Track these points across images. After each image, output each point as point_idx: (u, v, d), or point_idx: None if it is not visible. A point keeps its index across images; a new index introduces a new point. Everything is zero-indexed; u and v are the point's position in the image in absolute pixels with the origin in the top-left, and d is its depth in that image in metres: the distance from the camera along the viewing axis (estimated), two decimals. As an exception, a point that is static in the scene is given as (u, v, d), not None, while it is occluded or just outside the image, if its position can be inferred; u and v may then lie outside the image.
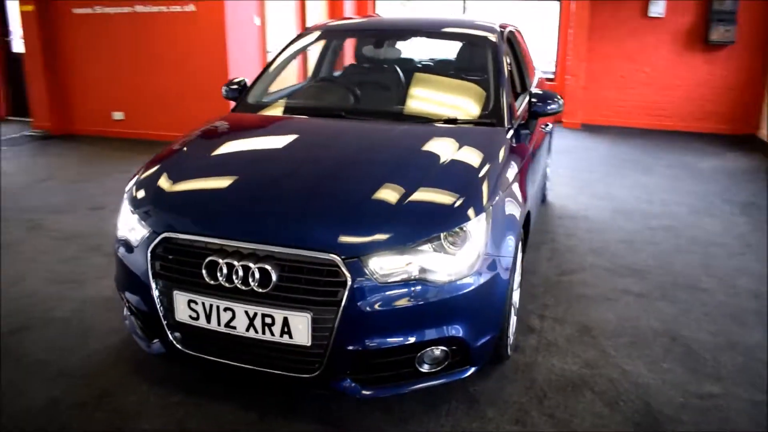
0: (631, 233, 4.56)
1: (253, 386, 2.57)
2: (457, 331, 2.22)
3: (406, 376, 2.25)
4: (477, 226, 2.26)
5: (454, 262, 2.19)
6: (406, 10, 11.45)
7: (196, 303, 2.24)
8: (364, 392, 2.21)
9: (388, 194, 2.32)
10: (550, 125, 4.07)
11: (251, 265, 2.14)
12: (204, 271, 2.21)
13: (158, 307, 2.33)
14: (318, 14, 9.68)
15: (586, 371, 2.72)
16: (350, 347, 2.12)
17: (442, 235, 2.20)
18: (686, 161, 7.01)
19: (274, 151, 2.83)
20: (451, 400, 2.49)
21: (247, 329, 2.19)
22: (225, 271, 2.17)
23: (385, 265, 2.11)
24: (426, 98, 3.46)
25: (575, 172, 6.41)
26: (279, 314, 2.13)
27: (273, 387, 2.54)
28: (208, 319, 2.24)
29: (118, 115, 8.06)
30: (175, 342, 2.35)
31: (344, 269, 2.07)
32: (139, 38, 7.68)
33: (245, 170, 2.58)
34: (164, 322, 2.34)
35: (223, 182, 2.50)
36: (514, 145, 2.96)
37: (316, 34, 3.86)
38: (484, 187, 2.43)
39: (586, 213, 5.05)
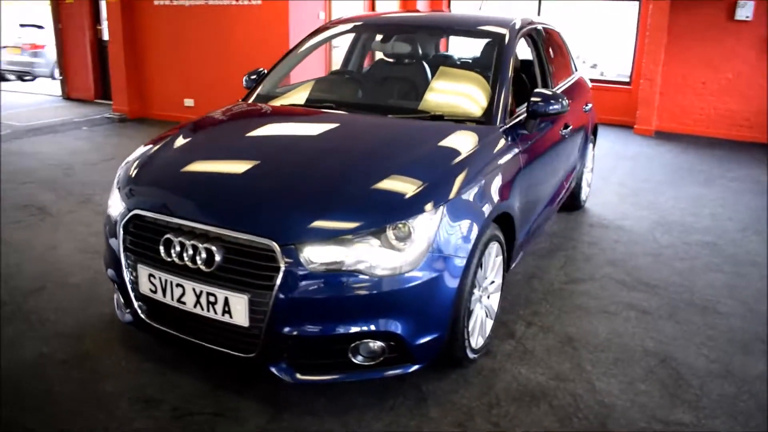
0: (663, 247, 4.28)
1: (204, 360, 2.67)
2: (395, 326, 2.20)
3: (342, 366, 2.26)
4: (427, 222, 2.23)
5: (395, 257, 2.18)
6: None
7: (155, 277, 2.37)
8: (298, 377, 2.25)
9: (337, 185, 2.35)
10: (570, 127, 3.89)
11: (199, 244, 2.23)
12: (161, 248, 2.33)
13: (126, 278, 2.48)
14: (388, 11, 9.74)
15: (553, 383, 2.61)
16: (284, 331, 2.16)
17: (387, 227, 2.19)
18: (756, 175, 6.45)
19: (247, 139, 2.91)
20: (399, 396, 2.48)
21: (195, 306, 2.29)
22: (178, 248, 2.28)
23: (321, 254, 2.14)
24: (424, 94, 3.43)
25: (628, 179, 6.09)
26: (221, 294, 2.21)
27: (220, 363, 2.62)
28: (164, 293, 2.36)
29: (189, 102, 8.53)
30: (139, 312, 2.50)
31: (279, 255, 2.12)
32: (209, 30, 8.09)
33: (212, 157, 2.69)
34: (132, 294, 2.49)
35: (189, 167, 2.62)
36: (505, 143, 2.87)
37: (337, 27, 3.90)
38: (445, 183, 2.40)
39: (621, 222, 4.79)
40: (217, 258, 2.21)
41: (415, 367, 2.34)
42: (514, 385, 2.59)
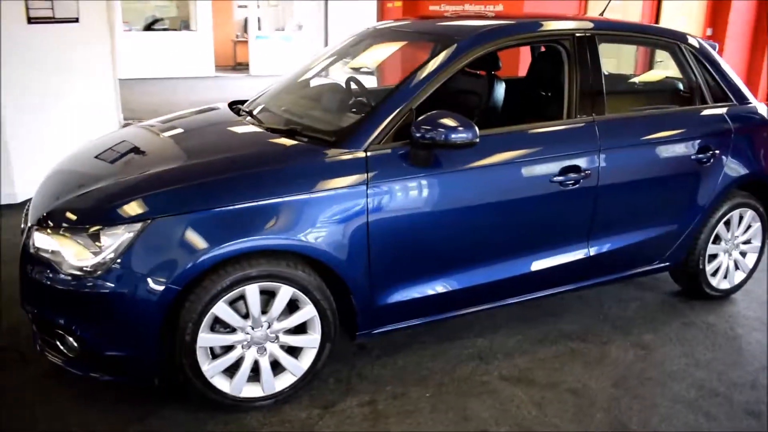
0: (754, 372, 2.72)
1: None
2: (78, 328, 2.25)
3: (60, 352, 2.37)
4: (120, 233, 2.19)
5: (84, 260, 2.20)
6: None
7: None
8: (39, 350, 2.47)
9: (84, 184, 2.46)
10: (586, 172, 2.72)
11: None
12: None
13: None
14: (684, 17, 7.99)
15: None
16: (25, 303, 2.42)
17: (82, 229, 2.23)
18: None
19: (132, 136, 3.02)
20: (144, 406, 2.46)
21: None
22: None
23: (39, 240, 2.32)
24: (324, 106, 3.09)
25: None
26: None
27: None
28: None
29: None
30: None
31: (26, 232, 2.41)
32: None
33: (89, 154, 2.92)
34: None
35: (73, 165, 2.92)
36: (345, 176, 2.39)
37: (356, 36, 3.64)
38: (168, 199, 2.26)
39: (748, 332, 3.18)
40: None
41: (109, 378, 2.34)
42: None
